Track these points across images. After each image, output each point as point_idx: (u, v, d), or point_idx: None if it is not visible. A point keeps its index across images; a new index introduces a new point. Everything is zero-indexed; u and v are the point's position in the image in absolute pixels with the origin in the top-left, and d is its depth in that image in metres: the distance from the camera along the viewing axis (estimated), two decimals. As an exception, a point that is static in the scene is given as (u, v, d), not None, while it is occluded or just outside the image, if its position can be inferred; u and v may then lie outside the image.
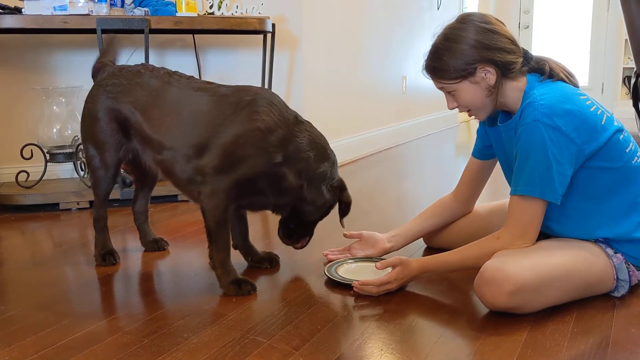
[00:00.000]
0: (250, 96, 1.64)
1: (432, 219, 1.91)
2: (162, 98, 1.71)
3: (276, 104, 1.64)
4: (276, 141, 1.58)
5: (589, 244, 1.54)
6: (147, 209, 2.06)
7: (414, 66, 4.90)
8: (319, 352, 1.30)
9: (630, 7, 3.48)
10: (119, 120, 1.78)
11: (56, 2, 2.53)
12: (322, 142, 1.67)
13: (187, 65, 3.12)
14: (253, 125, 1.58)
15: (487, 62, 1.51)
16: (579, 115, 1.46)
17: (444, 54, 1.53)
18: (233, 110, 1.61)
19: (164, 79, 1.75)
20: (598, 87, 6.62)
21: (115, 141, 1.80)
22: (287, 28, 3.30)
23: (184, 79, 1.76)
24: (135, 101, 1.74)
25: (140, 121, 1.73)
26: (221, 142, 1.59)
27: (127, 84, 1.77)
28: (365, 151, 4.15)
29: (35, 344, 1.36)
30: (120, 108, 1.76)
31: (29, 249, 2.20)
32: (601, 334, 1.37)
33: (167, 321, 1.48)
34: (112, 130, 1.79)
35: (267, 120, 1.59)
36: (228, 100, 1.64)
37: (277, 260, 1.89)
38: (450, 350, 1.31)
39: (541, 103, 1.46)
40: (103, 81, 1.82)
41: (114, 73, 1.83)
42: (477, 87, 1.54)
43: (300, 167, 1.61)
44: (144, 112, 1.73)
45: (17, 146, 2.75)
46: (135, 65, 1.86)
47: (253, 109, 1.60)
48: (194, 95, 1.68)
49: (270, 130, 1.58)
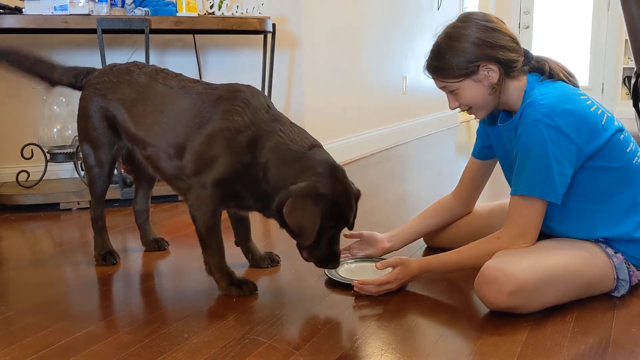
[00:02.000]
0: (228, 94, 1.61)
1: (432, 219, 1.91)
2: (148, 95, 1.72)
3: (253, 104, 1.57)
4: (244, 142, 1.53)
5: (589, 244, 1.54)
6: (148, 208, 2.06)
7: (414, 66, 4.90)
8: (320, 352, 1.30)
9: (630, 8, 3.48)
10: (108, 117, 1.79)
11: (56, 2, 2.53)
12: (293, 147, 1.52)
13: (187, 65, 3.13)
14: (223, 125, 1.55)
15: (489, 60, 1.51)
16: (579, 115, 1.46)
17: (447, 53, 1.53)
18: (210, 109, 1.60)
19: (151, 76, 1.75)
20: (598, 87, 6.61)
21: (107, 139, 1.81)
22: (288, 28, 3.30)
23: (171, 77, 1.75)
24: (122, 98, 1.75)
25: (126, 118, 1.74)
26: (195, 142, 1.58)
27: (116, 81, 1.78)
28: (365, 151, 4.15)
29: (35, 344, 1.36)
30: (109, 106, 1.77)
31: (29, 249, 2.20)
32: (601, 333, 1.37)
33: (167, 321, 1.48)
34: (103, 128, 1.80)
35: (238, 120, 1.54)
36: (208, 99, 1.62)
37: (278, 259, 1.89)
38: (450, 350, 1.31)
39: (541, 103, 1.46)
40: (94, 79, 1.83)
41: (105, 71, 1.84)
42: (479, 86, 1.54)
43: (264, 174, 1.52)
44: (130, 109, 1.73)
45: (17, 146, 2.75)
46: (126, 63, 1.86)
47: (227, 107, 1.57)
48: (177, 93, 1.68)
49: (239, 130, 1.53)
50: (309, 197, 1.44)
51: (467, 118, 6.65)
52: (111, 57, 2.66)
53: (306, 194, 1.45)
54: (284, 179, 1.49)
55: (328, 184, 1.47)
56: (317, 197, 1.45)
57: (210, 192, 1.57)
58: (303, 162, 1.50)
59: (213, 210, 1.60)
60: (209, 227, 1.61)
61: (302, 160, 1.50)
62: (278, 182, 1.50)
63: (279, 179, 1.50)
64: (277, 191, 1.50)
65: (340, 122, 3.85)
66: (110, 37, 2.81)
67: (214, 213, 1.61)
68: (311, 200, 1.45)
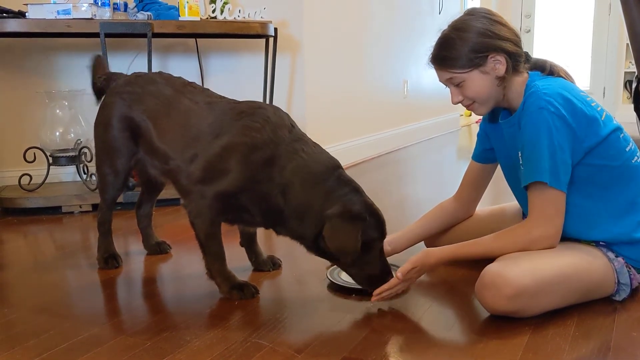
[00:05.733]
0: (250, 110, 1.59)
1: (434, 223, 1.91)
2: (173, 109, 1.70)
3: (273, 122, 1.56)
4: (260, 160, 1.52)
5: (589, 247, 1.54)
6: (151, 212, 2.06)
7: (416, 70, 4.91)
8: (321, 355, 1.30)
9: (632, 12, 3.49)
10: (131, 128, 1.77)
11: (60, 6, 2.55)
12: (317, 169, 1.52)
13: (189, 69, 3.14)
14: (239, 140, 1.54)
15: (498, 51, 1.51)
16: (580, 107, 1.47)
17: (456, 43, 1.53)
18: (230, 122, 1.59)
19: (177, 90, 1.74)
20: (599, 91, 6.62)
21: (127, 149, 1.80)
22: (289, 32, 3.31)
23: (198, 92, 1.73)
24: (148, 110, 1.74)
25: (150, 129, 1.73)
26: (208, 151, 1.57)
27: (142, 92, 1.77)
28: (367, 155, 4.16)
29: (37, 347, 1.36)
30: (134, 116, 1.76)
31: (32, 252, 2.21)
32: (602, 337, 1.37)
33: (169, 324, 1.48)
34: (125, 138, 1.79)
35: (257, 137, 1.53)
36: (230, 114, 1.61)
37: (280, 263, 1.89)
38: (451, 354, 1.31)
39: (544, 92, 1.47)
40: (119, 88, 1.82)
41: (130, 80, 1.83)
42: (486, 78, 1.54)
43: (282, 193, 1.51)
44: (155, 121, 1.72)
45: (20, 149, 2.76)
46: (152, 73, 1.86)
47: (246, 123, 1.56)
48: (202, 109, 1.66)
49: (256, 147, 1.52)
50: (346, 219, 1.47)
51: (469, 122, 6.66)
52: (114, 61, 2.68)
53: (343, 216, 1.46)
54: (310, 202, 1.49)
55: (360, 204, 1.50)
56: (354, 218, 1.47)
57: (210, 202, 1.56)
58: (329, 185, 1.51)
59: (212, 219, 1.60)
60: (208, 233, 1.61)
61: (327, 182, 1.51)
62: (303, 205, 1.50)
63: (303, 202, 1.50)
64: (302, 214, 1.50)
65: (342, 126, 3.86)
66: (113, 41, 2.82)
67: (213, 222, 1.60)
68: (349, 221, 1.47)
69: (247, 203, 1.56)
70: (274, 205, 1.53)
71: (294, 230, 1.55)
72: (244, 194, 1.54)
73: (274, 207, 1.53)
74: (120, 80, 1.87)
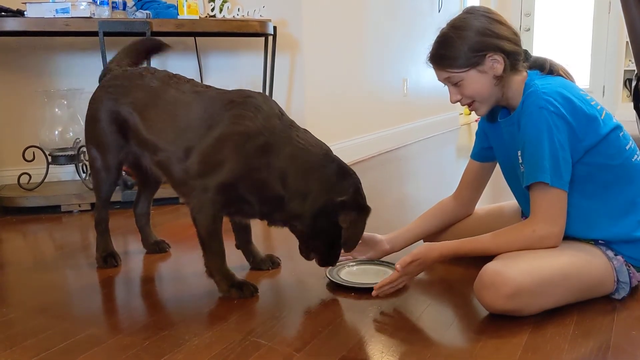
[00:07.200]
0: (240, 99, 1.61)
1: (433, 221, 1.91)
2: (160, 100, 1.71)
3: (265, 110, 1.58)
4: (255, 148, 1.53)
5: (589, 246, 1.54)
6: (149, 211, 2.06)
7: (415, 69, 4.90)
8: (320, 354, 1.30)
9: (631, 10, 3.49)
10: (118, 121, 1.78)
11: (58, 5, 2.54)
12: (312, 155, 1.56)
13: (188, 67, 3.13)
14: (233, 129, 1.55)
15: (496, 50, 1.51)
16: (580, 105, 1.47)
17: (454, 42, 1.53)
18: (220, 112, 1.60)
19: (163, 81, 1.75)
20: (599, 90, 6.62)
21: (116, 143, 1.81)
22: (288, 31, 3.31)
23: (184, 82, 1.75)
24: (134, 102, 1.75)
25: (138, 122, 1.73)
26: (203, 144, 1.58)
27: (128, 85, 1.78)
28: (366, 154, 4.16)
29: (36, 347, 1.36)
30: (120, 109, 1.77)
31: (31, 252, 2.21)
32: (602, 336, 1.37)
33: (168, 323, 1.48)
34: (112, 131, 1.80)
35: (249, 125, 1.54)
36: (219, 104, 1.62)
37: (278, 262, 1.89)
38: (450, 353, 1.31)
39: (543, 91, 1.47)
40: (106, 83, 1.84)
41: (117, 75, 1.84)
42: (484, 77, 1.54)
43: (282, 179, 1.54)
44: (142, 113, 1.73)
45: (19, 148, 2.76)
46: (139, 68, 1.87)
47: (238, 112, 1.57)
48: (190, 98, 1.67)
49: (250, 135, 1.54)
50: (361, 212, 1.56)
51: (468, 120, 6.65)
52: (112, 60, 2.67)
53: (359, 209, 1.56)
54: (312, 184, 1.54)
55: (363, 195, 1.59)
56: (365, 210, 1.57)
57: (213, 196, 1.57)
58: (330, 169, 1.56)
59: (214, 214, 1.60)
60: (210, 231, 1.61)
61: (326, 167, 1.56)
62: (305, 186, 1.53)
63: (305, 184, 1.53)
64: (305, 195, 1.53)
65: (341, 125, 3.85)
66: (112, 39, 2.81)
67: (215, 217, 1.61)
68: (363, 213, 1.56)
69: (247, 192, 1.57)
70: (274, 190, 1.55)
71: (294, 211, 1.55)
72: (243, 183, 1.55)
73: (274, 193, 1.55)
74: (108, 75, 1.88)
